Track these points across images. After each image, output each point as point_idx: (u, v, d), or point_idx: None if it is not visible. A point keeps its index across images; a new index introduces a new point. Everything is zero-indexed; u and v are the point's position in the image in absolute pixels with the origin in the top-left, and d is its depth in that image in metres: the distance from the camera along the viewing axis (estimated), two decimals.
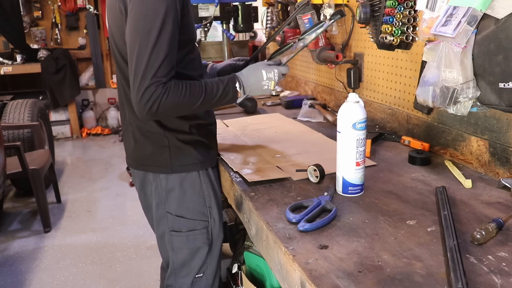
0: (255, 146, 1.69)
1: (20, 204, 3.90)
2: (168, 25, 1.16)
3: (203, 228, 1.45)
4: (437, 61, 1.28)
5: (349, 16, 2.00)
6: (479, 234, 0.95)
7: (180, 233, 1.44)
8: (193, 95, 1.22)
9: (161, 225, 1.47)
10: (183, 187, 1.41)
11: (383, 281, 0.84)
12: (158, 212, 1.45)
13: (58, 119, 5.90)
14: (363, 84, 2.01)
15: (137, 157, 1.44)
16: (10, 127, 3.77)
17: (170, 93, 1.17)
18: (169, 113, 1.25)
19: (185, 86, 1.21)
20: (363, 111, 1.18)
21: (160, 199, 1.43)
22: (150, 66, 1.15)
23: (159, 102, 1.16)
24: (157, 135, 1.37)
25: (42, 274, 2.81)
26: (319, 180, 1.31)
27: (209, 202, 1.45)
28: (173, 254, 1.48)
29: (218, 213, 1.49)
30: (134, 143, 1.43)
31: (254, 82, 1.34)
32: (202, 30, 2.55)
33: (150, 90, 1.15)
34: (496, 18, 1.13)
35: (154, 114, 1.18)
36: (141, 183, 1.49)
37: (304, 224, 1.03)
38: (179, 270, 1.49)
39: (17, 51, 5.44)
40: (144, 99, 1.15)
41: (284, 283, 0.98)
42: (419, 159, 1.46)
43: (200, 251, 1.47)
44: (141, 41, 1.15)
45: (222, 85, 1.29)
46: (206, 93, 1.25)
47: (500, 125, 1.31)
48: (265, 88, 1.36)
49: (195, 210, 1.43)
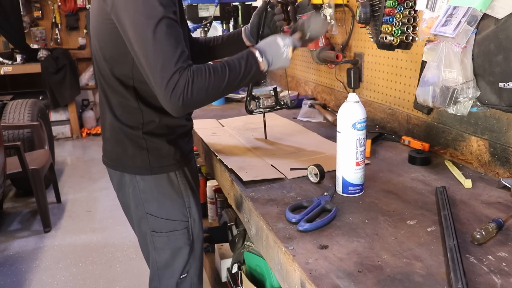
0: (250, 146, 1.70)
1: (20, 204, 3.90)
2: (169, 12, 1.13)
3: (183, 228, 1.45)
4: (437, 61, 1.28)
5: (349, 16, 2.00)
6: (479, 234, 0.96)
7: (161, 234, 1.44)
8: (218, 74, 1.18)
9: (142, 226, 1.46)
10: (161, 188, 1.40)
11: (383, 281, 0.84)
12: (137, 213, 1.44)
13: (58, 119, 5.90)
14: (363, 84, 2.01)
15: (115, 158, 1.42)
16: (10, 127, 3.77)
17: (195, 77, 1.13)
18: (200, 99, 1.17)
19: (208, 68, 1.16)
20: (363, 111, 1.18)
21: (138, 200, 1.41)
22: (166, 55, 1.11)
23: (188, 89, 1.12)
24: (135, 136, 1.35)
25: (42, 274, 2.81)
26: (319, 180, 1.31)
27: (188, 202, 1.44)
28: (156, 254, 1.47)
29: (198, 213, 1.48)
30: (113, 144, 1.41)
31: (274, 50, 1.29)
32: (202, 30, 2.55)
33: (175, 79, 1.11)
34: (496, 18, 1.13)
35: (187, 103, 1.13)
36: (118, 184, 1.47)
37: (304, 224, 1.03)
38: (162, 272, 1.49)
39: (17, 51, 5.44)
40: (170, 89, 1.10)
41: (284, 283, 0.98)
42: (419, 159, 1.46)
43: (182, 252, 1.47)
44: (147, 34, 1.11)
45: (243, 60, 1.24)
46: (230, 70, 1.20)
47: (500, 125, 1.31)
48: (284, 56, 1.30)
49: (174, 211, 1.43)
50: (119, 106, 1.35)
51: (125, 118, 1.35)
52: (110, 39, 1.25)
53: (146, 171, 1.37)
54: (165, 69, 1.11)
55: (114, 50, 1.26)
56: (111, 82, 1.32)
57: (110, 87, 1.33)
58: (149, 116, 1.33)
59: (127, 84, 1.29)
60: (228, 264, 2.12)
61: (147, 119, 1.33)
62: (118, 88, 1.31)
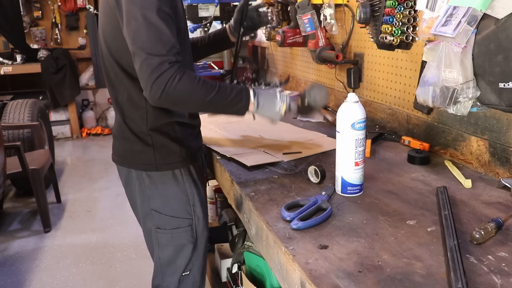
0: (237, 138, 1.77)
1: (20, 204, 3.90)
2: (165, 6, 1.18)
3: (187, 226, 1.47)
4: (437, 61, 1.28)
5: (349, 16, 2.00)
6: (478, 234, 0.96)
7: (165, 230, 1.46)
8: (207, 87, 1.20)
9: (147, 222, 1.48)
10: (166, 185, 1.42)
11: (383, 281, 0.84)
12: (143, 209, 1.47)
13: (58, 119, 5.90)
14: (363, 84, 2.01)
15: (122, 154, 1.46)
16: (10, 127, 3.77)
17: (184, 76, 1.15)
18: (180, 99, 1.19)
19: (199, 77, 1.19)
20: (362, 111, 1.18)
21: (144, 196, 1.44)
22: (159, 41, 1.13)
23: (173, 83, 1.13)
24: (140, 133, 1.38)
25: (42, 274, 2.81)
26: (320, 180, 1.31)
27: (192, 200, 1.46)
28: (159, 251, 1.49)
29: (202, 211, 1.50)
30: (120, 140, 1.45)
31: (269, 98, 1.31)
32: (202, 30, 2.55)
33: (163, 68, 1.12)
34: (496, 18, 1.13)
35: (166, 97, 1.15)
36: (126, 179, 1.50)
37: (297, 222, 1.04)
38: (165, 268, 1.51)
39: (17, 51, 5.44)
40: (155, 75, 1.12)
41: (284, 283, 0.98)
42: (418, 158, 1.46)
43: (185, 249, 1.49)
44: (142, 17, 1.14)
45: (236, 89, 1.27)
46: (219, 91, 1.22)
47: (500, 125, 1.31)
48: (276, 109, 1.32)
49: (179, 208, 1.45)
50: (126, 102, 1.37)
51: (131, 114, 1.37)
52: (115, 32, 1.27)
53: (151, 168, 1.40)
54: (155, 54, 1.13)
55: (119, 42, 1.27)
56: (119, 76, 1.34)
57: (118, 80, 1.35)
58: (154, 112, 1.35)
59: (133, 76, 1.30)
60: (228, 264, 2.12)
61: (152, 115, 1.35)
62: (125, 81, 1.33)
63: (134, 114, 1.37)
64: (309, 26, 2.06)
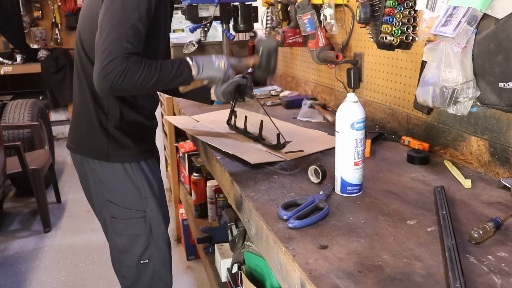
0: (232, 135, 1.77)
1: (20, 204, 3.90)
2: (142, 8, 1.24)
3: (140, 217, 1.53)
4: (437, 61, 1.28)
5: (349, 16, 2.00)
6: (477, 233, 0.96)
7: (119, 220, 1.53)
8: (151, 69, 1.27)
9: (102, 211, 1.56)
10: (117, 176, 1.49)
11: (383, 281, 0.84)
12: (98, 199, 1.54)
13: (58, 119, 5.91)
14: (363, 84, 2.01)
15: (77, 141, 1.54)
16: (10, 127, 3.78)
17: (131, 66, 1.22)
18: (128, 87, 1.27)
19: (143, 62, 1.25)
20: (361, 111, 1.18)
21: (97, 186, 1.51)
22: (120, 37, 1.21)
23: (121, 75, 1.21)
24: (99, 124, 1.45)
25: (42, 274, 2.81)
26: (321, 180, 1.31)
27: (144, 193, 1.52)
28: (115, 238, 1.56)
29: (156, 204, 1.55)
30: (76, 128, 1.53)
31: (206, 60, 1.41)
32: (202, 30, 2.55)
33: (115, 63, 1.20)
34: (496, 18, 1.13)
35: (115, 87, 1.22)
36: (80, 168, 1.57)
37: (294, 221, 1.04)
38: (122, 255, 1.58)
39: (17, 51, 5.44)
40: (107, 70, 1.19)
41: (284, 283, 0.98)
42: (417, 158, 1.46)
43: (139, 239, 1.55)
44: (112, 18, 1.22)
45: (176, 63, 1.35)
46: (161, 68, 1.30)
47: (500, 125, 1.31)
48: (216, 65, 1.41)
49: (130, 200, 1.51)
50: (89, 94, 1.45)
51: (93, 105, 1.45)
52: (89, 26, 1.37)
53: (103, 157, 1.47)
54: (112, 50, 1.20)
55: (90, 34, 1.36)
56: (86, 67, 1.43)
57: (84, 71, 1.44)
58: (114, 107, 1.45)
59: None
60: (228, 264, 2.12)
61: (113, 109, 1.45)
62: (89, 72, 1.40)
63: (96, 106, 1.45)
64: (309, 26, 2.06)
